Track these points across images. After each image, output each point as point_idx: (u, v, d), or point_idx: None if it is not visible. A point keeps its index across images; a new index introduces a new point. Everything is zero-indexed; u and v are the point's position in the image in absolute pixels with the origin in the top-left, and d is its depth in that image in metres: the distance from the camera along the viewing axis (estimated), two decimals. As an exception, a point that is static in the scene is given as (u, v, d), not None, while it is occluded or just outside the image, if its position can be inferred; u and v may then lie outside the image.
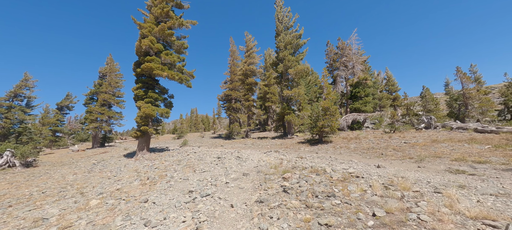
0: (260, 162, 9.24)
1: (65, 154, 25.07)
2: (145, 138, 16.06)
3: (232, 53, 33.91)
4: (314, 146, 13.51)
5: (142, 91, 16.09)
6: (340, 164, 7.52)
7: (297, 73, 18.85)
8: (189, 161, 11.47)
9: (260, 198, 4.59)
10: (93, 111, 33.41)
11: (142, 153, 15.69)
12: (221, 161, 10.43)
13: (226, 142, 22.01)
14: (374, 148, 10.79)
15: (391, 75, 36.04)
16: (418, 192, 3.88)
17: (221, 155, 12.49)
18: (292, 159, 9.46)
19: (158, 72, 15.46)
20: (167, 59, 16.58)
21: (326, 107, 13.28)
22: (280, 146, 15.76)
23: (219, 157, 11.65)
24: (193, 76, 19.14)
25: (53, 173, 11.82)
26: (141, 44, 15.56)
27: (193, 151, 15.90)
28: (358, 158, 9.22)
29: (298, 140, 17.85)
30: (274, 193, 4.81)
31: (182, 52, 19.18)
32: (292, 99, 19.74)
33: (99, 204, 5.48)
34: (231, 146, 18.75)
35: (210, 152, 14.44)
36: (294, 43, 19.87)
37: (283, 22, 20.98)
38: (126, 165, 11.70)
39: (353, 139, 14.23)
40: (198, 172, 8.38)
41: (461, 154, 7.50)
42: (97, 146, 32.94)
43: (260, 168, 7.75)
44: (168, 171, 9.08)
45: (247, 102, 25.42)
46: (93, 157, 19.72)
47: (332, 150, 11.59)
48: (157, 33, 16.57)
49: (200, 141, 27.25)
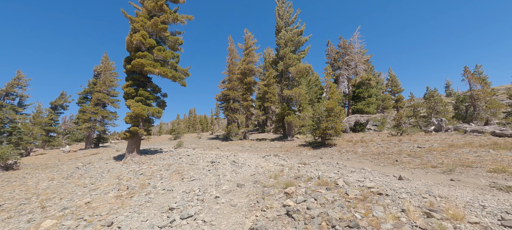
0: (258, 168, 8.11)
1: (55, 155, 23.87)
2: (135, 139, 14.89)
3: (230, 52, 32.82)
4: (317, 149, 12.39)
5: (132, 89, 14.94)
6: (351, 174, 6.40)
7: (298, 72, 17.76)
8: (179, 165, 10.32)
9: (256, 225, 3.46)
10: (87, 111, 32.20)
11: (132, 156, 14.52)
12: (214, 166, 9.29)
13: (223, 144, 20.87)
14: (385, 153, 9.67)
15: (394, 75, 34.99)
16: (477, 225, 2.78)
17: (215, 159, 11.34)
18: (294, 165, 8.33)
19: (150, 68, 14.32)
20: (159, 55, 15.45)
21: (330, 108, 12.17)
22: (279, 149, 14.63)
23: (213, 161, 10.51)
24: (188, 74, 18.01)
25: (30, 178, 10.64)
26: (132, 38, 14.43)
27: (187, 154, 14.75)
28: (369, 165, 8.10)
29: (299, 142, 16.73)
30: (275, 216, 3.68)
31: (176, 48, 18.06)
32: (293, 99, 18.64)
33: (53, 226, 4.34)
34: (227, 148, 17.61)
35: (204, 155, 13.30)
36: (295, 40, 18.79)
37: (283, 18, 19.91)
38: (110, 170, 10.54)
39: (358, 142, 13.13)
40: (186, 180, 7.24)
41: (495, 163, 6.38)
42: (90, 147, 31.73)
43: (257, 177, 6.62)
44: (153, 179, 7.94)
45: (245, 102, 24.31)
46: (82, 159, 18.53)
47: (338, 155, 10.46)
48: (149, 27, 15.44)
49: (197, 142, 26.09)
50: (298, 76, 18.39)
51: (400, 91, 34.70)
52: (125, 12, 15.20)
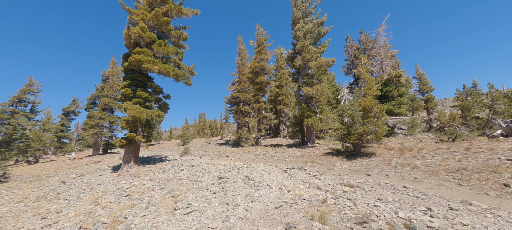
0: (283, 192, 5.66)
1: (60, 163, 22.80)
2: (133, 147, 12.95)
3: (240, 52, 30.87)
4: (352, 160, 9.69)
5: (130, 90, 13.13)
6: (451, 214, 3.76)
7: (320, 66, 15.21)
8: (178, 182, 8.09)
9: None
10: (94, 116, 31.39)
11: (128, 166, 12.55)
12: (222, 185, 6.95)
13: (233, 151, 18.56)
14: (468, 169, 6.73)
15: (423, 73, 31.24)
16: None
17: (224, 172, 8.99)
18: (336, 188, 5.78)
19: (148, 65, 12.43)
20: (160, 51, 13.57)
21: (369, 107, 9.47)
22: (301, 158, 12.03)
23: (221, 177, 8.17)
24: (193, 73, 16.03)
25: (4, 196, 8.88)
26: (129, 32, 12.65)
27: (191, 164, 12.56)
28: (462, 192, 5.35)
29: (323, 150, 14.03)
30: None
31: (181, 45, 16.20)
32: (313, 98, 16.02)
33: None
34: (238, 156, 15.25)
35: (210, 167, 11.01)
36: (315, 31, 16.32)
37: (301, 8, 17.53)
38: (94, 188, 8.51)
39: (405, 150, 10.24)
40: (179, 212, 4.94)
41: None
42: (97, 153, 30.75)
43: (287, 212, 4.19)
44: (136, 206, 5.72)
45: (257, 104, 21.97)
46: (80, 168, 16.96)
47: (390, 170, 7.71)
48: (150, 20, 13.66)
49: (205, 148, 24.01)
50: (319, 72, 15.82)
51: (430, 90, 30.83)
52: (123, 3, 13.53)
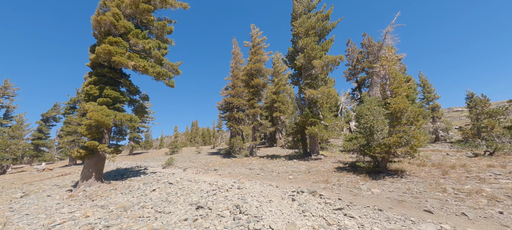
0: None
1: (24, 175, 19.57)
2: (95, 160, 10.22)
3: (235, 55, 28.84)
4: (378, 179, 7.34)
5: (95, 88, 10.57)
6: None
7: (326, 65, 13.16)
8: (138, 213, 5.52)
9: None
10: (72, 122, 28.32)
11: (86, 184, 9.76)
12: (198, 223, 4.45)
13: (224, 163, 15.94)
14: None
15: (426, 80, 29.76)
16: None
17: (206, 198, 6.43)
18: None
19: (120, 59, 9.99)
20: (138, 43, 11.19)
21: (402, 110, 7.23)
22: (308, 175, 9.59)
23: (200, 205, 5.64)
24: (178, 72, 13.68)
25: None
26: (98, 18, 10.28)
27: (168, 181, 9.88)
28: None
29: (332, 163, 11.66)
30: None
31: (164, 39, 13.94)
32: (317, 102, 13.84)
33: None
34: (229, 170, 12.66)
35: (192, 185, 8.42)
36: (318, 27, 14.40)
37: (302, 2, 15.70)
38: (12, 222, 5.79)
39: (448, 169, 7.96)
40: None
41: None
42: (73, 163, 27.48)
43: None
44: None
45: (252, 110, 19.65)
46: (37, 184, 13.96)
47: (455, 201, 5.28)
48: (128, 7, 11.38)
49: (193, 159, 21.25)
50: (324, 72, 13.75)
51: (435, 98, 29.21)
52: (92, -15, 11.22)
